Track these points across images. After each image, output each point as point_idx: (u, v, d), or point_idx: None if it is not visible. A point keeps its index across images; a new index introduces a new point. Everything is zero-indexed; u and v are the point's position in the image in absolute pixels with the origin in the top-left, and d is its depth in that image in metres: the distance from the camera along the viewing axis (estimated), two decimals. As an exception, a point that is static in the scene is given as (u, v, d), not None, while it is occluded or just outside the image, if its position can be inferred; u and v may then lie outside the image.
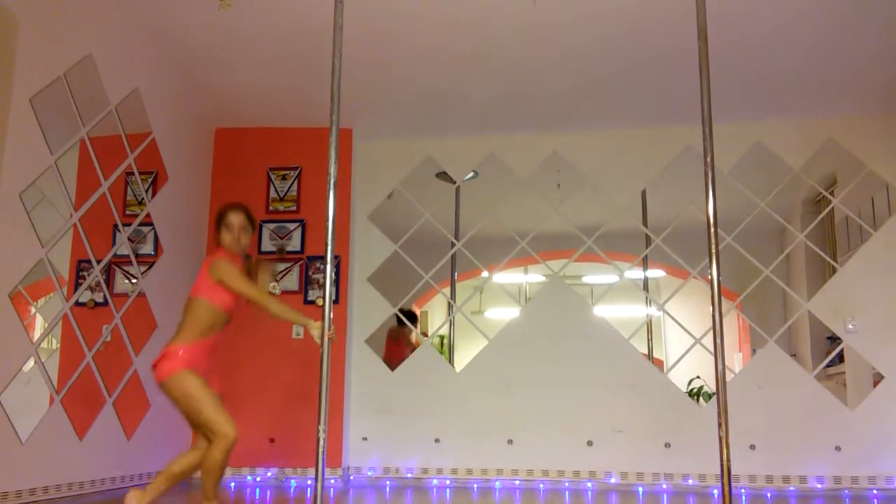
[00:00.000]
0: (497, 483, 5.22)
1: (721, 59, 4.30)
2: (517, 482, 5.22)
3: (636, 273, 6.54)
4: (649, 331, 6.94)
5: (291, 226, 5.61)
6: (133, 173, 4.72)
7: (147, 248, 4.88)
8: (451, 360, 6.75)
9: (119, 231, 4.59)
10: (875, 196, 5.91)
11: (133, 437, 4.59)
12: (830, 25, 4.24)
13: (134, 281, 4.72)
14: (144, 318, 4.78)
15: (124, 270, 4.68)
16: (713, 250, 3.39)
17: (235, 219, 3.53)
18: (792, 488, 4.96)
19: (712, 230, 3.42)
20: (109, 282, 4.53)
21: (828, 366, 5.79)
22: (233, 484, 5.16)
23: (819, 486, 4.93)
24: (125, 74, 4.52)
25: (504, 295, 6.16)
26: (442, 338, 8.57)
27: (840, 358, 5.97)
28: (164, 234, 4.99)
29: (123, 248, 4.64)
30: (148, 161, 4.84)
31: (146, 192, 4.85)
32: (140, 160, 4.74)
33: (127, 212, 4.75)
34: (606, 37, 4.43)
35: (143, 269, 4.79)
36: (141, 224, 4.80)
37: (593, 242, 5.58)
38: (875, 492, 4.85)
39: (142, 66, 4.68)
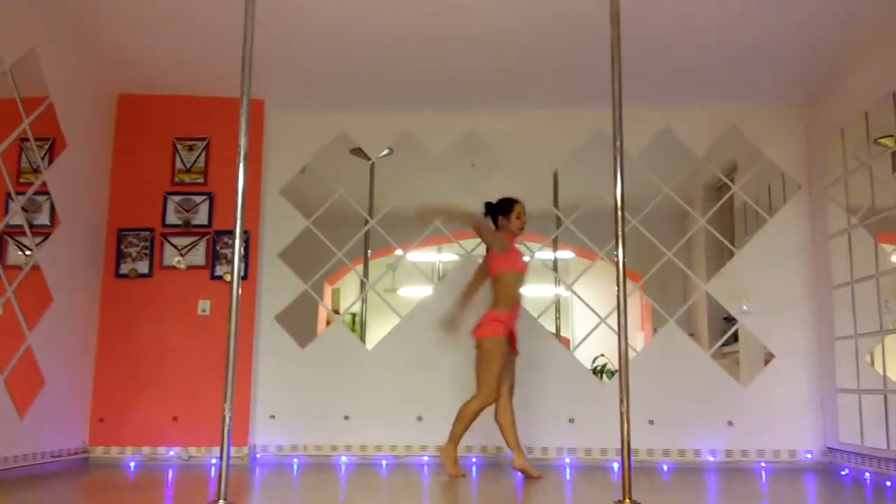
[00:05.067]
0: (406, 459, 5.27)
1: (633, 44, 4.39)
2: (426, 458, 5.27)
3: (546, 254, 6.67)
4: (557, 310, 7.10)
5: (198, 199, 5.44)
6: (28, 139, 4.50)
7: (42, 219, 4.66)
8: (362, 338, 6.74)
9: (12, 200, 4.36)
10: (772, 184, 6.20)
11: (26, 415, 4.39)
12: (739, 16, 4.39)
13: (28, 253, 4.50)
14: (39, 291, 4.56)
15: (17, 241, 4.47)
16: (619, 233, 3.49)
17: (523, 209, 4.72)
18: (687, 461, 5.19)
19: (619, 213, 3.51)
20: (1, 253, 4.32)
21: (723, 345, 6.08)
22: (133, 463, 5.02)
23: (712, 459, 5.19)
24: (21, 34, 4.26)
25: (417, 273, 6.18)
26: (354, 315, 8.55)
27: (735, 338, 6.27)
28: (61, 204, 4.75)
29: (16, 218, 4.41)
30: (44, 127, 4.60)
31: (42, 159, 4.62)
32: (36, 126, 4.50)
33: (21, 180, 4.53)
34: (523, 18, 4.46)
35: (37, 240, 4.57)
36: (36, 193, 4.57)
37: (505, 222, 5.64)
38: (763, 464, 5.13)
39: (39, 26, 4.42)
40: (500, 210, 4.73)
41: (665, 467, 5.08)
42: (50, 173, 4.65)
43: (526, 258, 4.91)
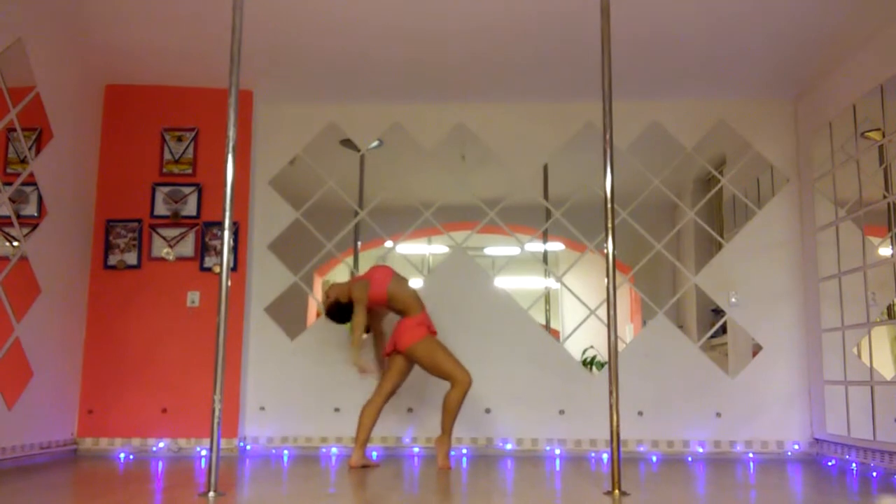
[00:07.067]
0: (397, 451, 5.27)
1: (622, 38, 4.40)
2: (416, 450, 5.29)
3: (536, 246, 6.69)
4: (547, 302, 7.12)
5: (187, 190, 5.41)
6: (15, 130, 4.46)
7: (30, 210, 4.63)
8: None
9: (-1, 190, 4.33)
10: (760, 177, 6.23)
11: (14, 407, 4.37)
12: (727, 11, 4.40)
13: (16, 244, 4.47)
14: (27, 282, 4.53)
15: (5, 232, 4.44)
16: (609, 225, 3.50)
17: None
18: (676, 452, 5.23)
19: (609, 205, 3.53)
20: (-11, 244, 4.30)
21: (711, 337, 6.11)
22: (122, 455, 5.01)
23: (701, 450, 5.22)
24: (7, 24, 4.22)
25: (407, 265, 6.17)
26: (343, 307, 8.53)
27: (723, 330, 6.30)
28: (48, 195, 4.72)
29: (4, 209, 4.38)
30: (31, 117, 4.56)
31: (29, 150, 4.58)
32: (23, 116, 4.46)
33: (8, 170, 4.50)
34: (514, 11, 4.45)
35: (25, 231, 4.54)
36: (23, 184, 4.54)
37: (496, 215, 5.65)
38: (751, 455, 5.17)
39: (26, 16, 4.38)
40: (343, 317, 4.77)
41: (654, 458, 5.11)
42: (37, 164, 4.61)
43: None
